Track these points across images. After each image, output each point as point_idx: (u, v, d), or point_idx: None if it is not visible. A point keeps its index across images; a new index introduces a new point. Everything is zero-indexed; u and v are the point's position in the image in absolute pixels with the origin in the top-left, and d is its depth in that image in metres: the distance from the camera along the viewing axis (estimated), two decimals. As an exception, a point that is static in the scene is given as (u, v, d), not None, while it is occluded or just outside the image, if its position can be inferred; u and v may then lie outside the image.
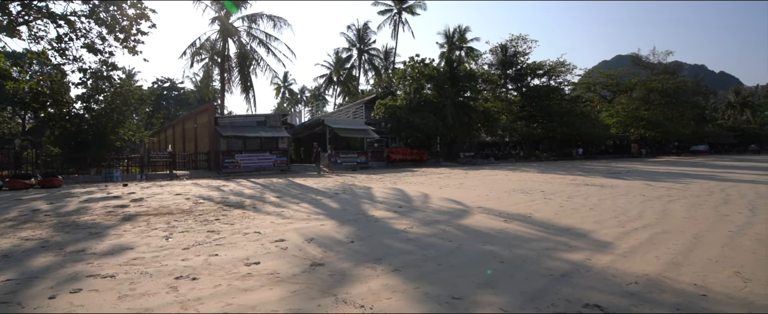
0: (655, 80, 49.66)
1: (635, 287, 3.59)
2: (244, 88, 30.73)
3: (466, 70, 34.23)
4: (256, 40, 29.61)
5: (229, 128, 23.07)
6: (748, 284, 3.66)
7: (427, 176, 17.35)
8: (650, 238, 5.47)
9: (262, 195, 11.01)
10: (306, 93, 78.50)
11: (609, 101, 53.18)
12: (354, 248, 5.07)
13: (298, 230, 6.12)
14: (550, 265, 4.27)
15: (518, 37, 40.11)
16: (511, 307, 3.13)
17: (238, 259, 4.51)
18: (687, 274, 3.93)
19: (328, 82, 61.31)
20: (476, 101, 35.65)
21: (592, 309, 3.08)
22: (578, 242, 5.33)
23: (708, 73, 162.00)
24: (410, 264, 4.30)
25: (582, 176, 16.50)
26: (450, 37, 52.77)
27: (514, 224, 6.51)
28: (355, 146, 29.35)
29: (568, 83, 44.73)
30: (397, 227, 6.32)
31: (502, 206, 8.55)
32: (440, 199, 9.76)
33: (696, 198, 9.49)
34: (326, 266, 4.25)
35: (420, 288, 3.57)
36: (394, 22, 50.49)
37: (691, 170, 20.24)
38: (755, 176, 16.39)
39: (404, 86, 33.50)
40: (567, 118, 38.53)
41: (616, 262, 4.35)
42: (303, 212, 8.05)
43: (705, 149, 56.24)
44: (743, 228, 6.06)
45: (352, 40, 55.57)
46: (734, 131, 67.01)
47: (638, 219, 6.85)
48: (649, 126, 46.38)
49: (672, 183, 13.22)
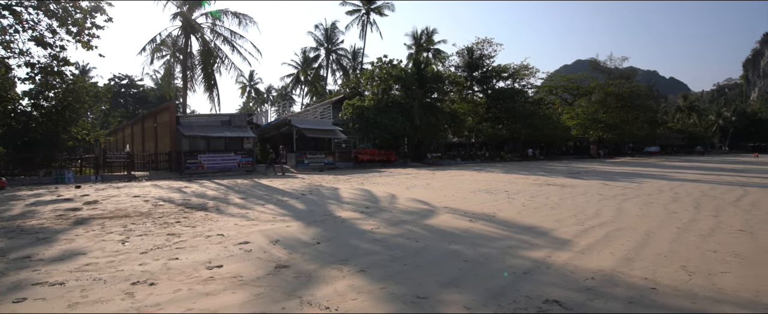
0: (612, 84, 52.00)
1: (592, 282, 3.74)
2: (207, 86, 29.86)
3: (433, 72, 34.64)
4: (220, 37, 28.85)
5: (191, 128, 22.35)
6: (692, 277, 3.89)
7: (395, 177, 17.44)
8: (606, 235, 5.71)
9: (226, 197, 10.73)
10: (273, 92, 77.19)
11: (569, 104, 55.23)
12: (320, 249, 5.02)
13: (263, 232, 6.00)
14: (512, 263, 4.39)
15: (484, 41, 41.00)
16: (475, 305, 3.19)
17: (200, 262, 4.37)
18: (638, 269, 4.14)
19: (296, 81, 60.52)
20: (443, 102, 36.14)
21: (551, 305, 3.18)
22: (540, 240, 5.50)
23: (659, 79, 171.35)
24: (376, 265, 4.31)
25: (544, 177, 17.05)
26: (418, 39, 53.27)
27: (479, 224, 6.64)
28: (322, 146, 29.13)
29: (531, 86, 46.06)
30: (364, 228, 6.32)
31: (468, 206, 8.71)
32: (407, 199, 9.83)
33: (648, 197, 10.00)
34: (291, 268, 4.19)
35: (386, 288, 3.58)
36: (362, 22, 50.46)
37: (644, 171, 21.32)
38: (700, 175, 17.47)
39: (372, 86, 33.53)
40: (530, 120, 39.72)
41: (575, 259, 4.52)
42: (268, 213, 7.90)
43: (657, 150, 59.45)
44: (689, 225, 6.44)
45: (319, 40, 55.12)
46: (682, 133, 71.12)
47: (595, 217, 7.14)
48: (607, 128, 48.52)
49: (627, 183, 13.87)
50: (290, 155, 26.50)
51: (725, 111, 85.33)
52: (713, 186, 12.64)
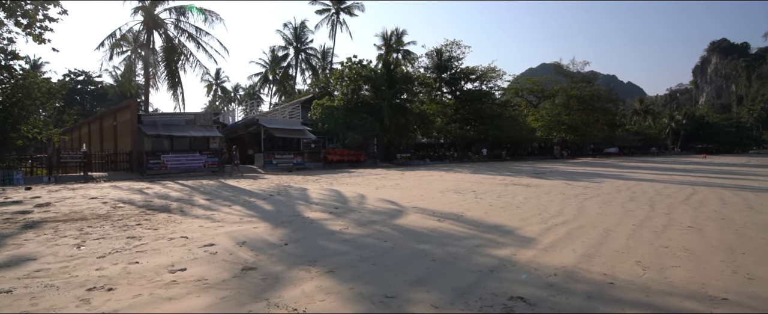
0: (574, 87, 53.96)
1: (554, 278, 3.88)
2: (171, 84, 28.83)
3: (402, 73, 34.84)
4: (185, 34, 27.92)
5: (154, 127, 21.54)
6: (647, 271, 4.10)
7: (364, 177, 17.44)
8: (568, 233, 5.93)
9: (190, 198, 10.42)
10: (240, 91, 75.49)
11: (534, 106, 56.89)
12: (288, 250, 4.97)
13: (229, 234, 5.87)
14: (479, 261, 4.48)
15: (453, 43, 41.60)
16: (442, 303, 3.24)
17: (162, 266, 4.23)
18: (598, 265, 4.32)
19: (264, 80, 59.43)
20: (413, 103, 36.41)
21: (516, 301, 3.28)
22: (505, 238, 5.64)
23: (618, 83, 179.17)
24: (345, 265, 4.30)
25: (510, 177, 17.49)
26: (387, 40, 53.44)
27: (447, 223, 6.75)
28: (291, 146, 28.74)
29: (498, 88, 47.12)
30: (333, 229, 6.29)
31: (436, 205, 8.82)
32: (376, 199, 9.85)
33: (607, 196, 10.44)
34: (259, 270, 4.13)
35: (354, 288, 3.58)
36: (332, 22, 50.12)
37: (604, 171, 22.23)
38: (654, 175, 18.39)
39: (342, 86, 33.37)
40: (497, 121, 40.62)
41: (539, 256, 4.67)
42: (235, 214, 7.73)
43: (615, 151, 62.06)
44: (644, 222, 6.78)
45: (288, 39, 54.33)
46: (639, 135, 74.62)
47: (558, 216, 7.40)
48: (570, 130, 50.29)
49: (588, 182, 14.43)
50: (258, 156, 26.00)
51: (677, 115, 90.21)
52: (666, 186, 13.33)
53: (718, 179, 16.35)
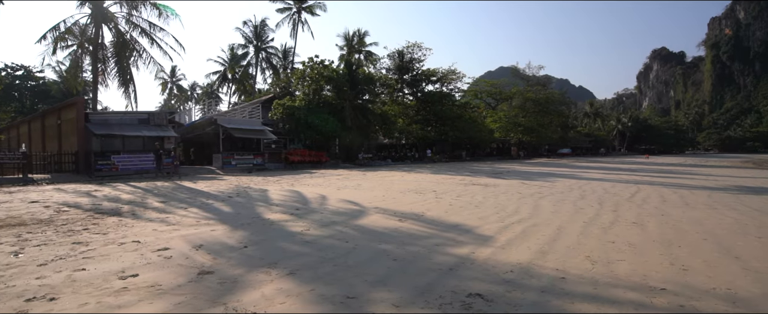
0: (530, 90, 56.07)
1: (510, 275, 4.03)
2: (122, 81, 27.33)
3: (365, 74, 34.85)
4: (137, 29, 26.55)
5: (103, 126, 20.39)
6: (595, 266, 4.34)
7: (326, 178, 17.32)
8: (524, 231, 6.16)
9: (143, 200, 9.96)
10: (197, 90, 72.79)
11: (493, 108, 58.58)
12: (247, 253, 4.86)
13: (185, 237, 5.67)
14: (439, 260, 4.58)
15: (414, 45, 42.04)
16: (403, 302, 3.29)
17: (112, 272, 4.03)
18: (551, 261, 4.52)
19: (223, 79, 57.60)
20: (374, 104, 36.50)
21: (474, 298, 3.38)
22: (464, 237, 5.79)
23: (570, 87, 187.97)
24: (306, 267, 4.27)
25: (470, 177, 17.91)
26: (349, 40, 53.25)
27: (408, 223, 6.83)
28: (251, 147, 28.06)
29: (458, 90, 48.07)
30: (294, 230, 6.22)
31: (398, 206, 8.91)
32: (338, 200, 9.82)
33: (560, 195, 10.92)
34: (216, 273, 4.02)
35: (315, 290, 3.57)
36: (293, 21, 49.30)
37: (558, 171, 23.23)
38: (603, 175, 19.43)
39: (303, 86, 32.94)
40: (457, 122, 41.48)
41: (496, 254, 4.83)
42: (191, 217, 7.47)
43: (568, 152, 65.10)
44: (593, 219, 7.16)
45: (248, 37, 52.95)
46: (589, 136, 78.63)
47: (515, 215, 7.67)
48: (526, 131, 52.17)
49: (542, 182, 15.03)
50: (216, 156, 25.19)
51: (623, 118, 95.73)
52: (613, 184, 14.12)
53: (658, 178, 17.50)
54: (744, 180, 16.41)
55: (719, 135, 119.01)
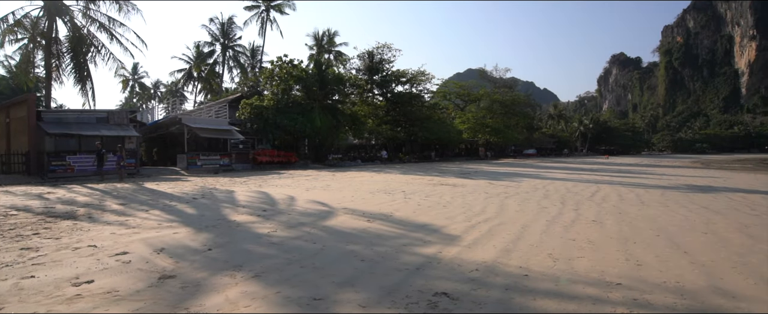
0: (497, 92, 57.44)
1: (476, 273, 4.11)
2: (79, 78, 26.01)
3: (334, 74, 34.66)
4: (95, 23, 25.33)
5: (57, 125, 19.34)
6: (556, 263, 4.49)
7: (295, 179, 17.10)
8: (490, 230, 6.29)
9: (101, 203, 9.52)
10: (161, 88, 70.32)
11: (461, 109, 59.53)
12: (211, 256, 4.74)
13: (145, 241, 5.47)
14: (406, 260, 4.61)
15: (384, 45, 42.16)
16: (370, 302, 3.30)
17: (64, 279, 3.84)
18: (515, 259, 4.64)
19: (188, 77, 55.84)
20: (344, 104, 36.34)
21: (440, 297, 3.43)
22: (432, 237, 5.86)
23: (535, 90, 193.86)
24: (272, 269, 4.21)
25: (438, 177, 18.14)
26: (319, 40, 52.81)
27: (376, 224, 6.85)
28: (217, 147, 27.35)
29: (427, 91, 48.53)
30: (260, 232, 6.11)
31: (366, 206, 8.91)
32: (306, 201, 9.72)
33: (525, 194, 11.23)
34: (178, 277, 3.90)
35: (281, 292, 3.52)
36: (262, 19, 48.40)
37: (523, 171, 23.87)
38: (566, 175, 20.13)
39: (272, 86, 32.41)
40: (426, 123, 41.89)
41: (462, 253, 4.91)
42: (153, 220, 7.21)
43: (534, 152, 67.02)
44: (556, 218, 7.40)
45: (215, 35, 51.54)
46: (553, 138, 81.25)
47: (481, 214, 7.82)
48: (493, 132, 53.32)
49: (509, 182, 15.40)
50: (181, 157, 24.40)
51: (585, 120, 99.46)
52: (575, 184, 14.64)
53: (617, 177, 18.29)
54: (693, 179, 17.39)
55: (672, 137, 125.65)
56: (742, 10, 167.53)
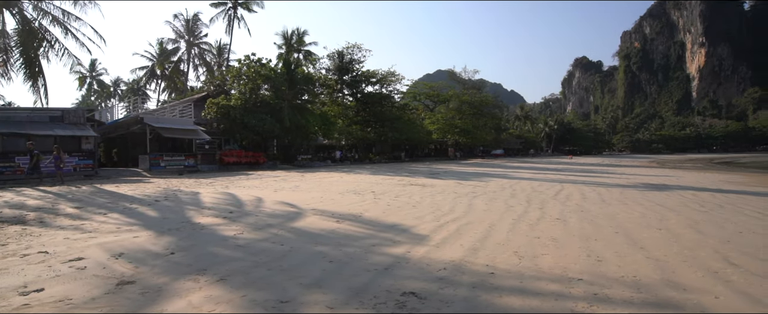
0: (466, 93, 58.43)
1: (444, 272, 4.15)
2: (29, 74, 24.49)
3: (303, 74, 34.27)
4: (48, 16, 23.95)
5: (6, 124, 18.21)
6: (522, 260, 4.60)
7: (263, 180, 16.78)
8: (458, 229, 6.38)
9: (54, 206, 9.02)
10: (122, 86, 67.44)
11: (431, 110, 60.20)
12: (174, 260, 4.58)
13: (102, 246, 5.22)
14: (375, 260, 4.61)
15: (354, 46, 42.07)
16: (337, 303, 3.27)
17: (11, 288, 3.61)
18: (482, 257, 4.72)
19: (151, 75, 53.84)
20: (314, 104, 36.00)
21: (408, 297, 3.44)
22: (401, 237, 5.87)
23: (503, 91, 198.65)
24: (238, 272, 4.11)
25: (408, 177, 18.24)
26: (288, 39, 52.06)
27: (345, 224, 6.81)
28: (182, 147, 26.49)
29: (397, 91, 48.79)
30: (226, 234, 5.96)
31: (336, 207, 8.85)
32: (274, 202, 9.56)
33: (493, 193, 11.46)
34: (138, 283, 3.74)
35: (247, 295, 3.44)
36: (228, 17, 47.20)
37: (491, 171, 24.36)
38: (532, 174, 20.70)
39: (239, 85, 31.69)
40: (396, 124, 42.09)
41: (431, 252, 4.95)
42: (111, 223, 6.89)
43: (501, 153, 68.59)
44: (522, 216, 7.59)
45: (179, 31, 49.95)
46: (520, 138, 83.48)
47: (450, 214, 7.92)
48: (462, 133, 54.23)
49: (477, 181, 15.67)
50: (143, 157, 23.46)
51: (550, 121, 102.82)
52: (541, 183, 15.07)
53: (580, 177, 18.96)
54: (649, 178, 18.27)
55: (630, 138, 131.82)
56: (692, 18, 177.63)
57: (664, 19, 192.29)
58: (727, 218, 7.40)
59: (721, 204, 9.42)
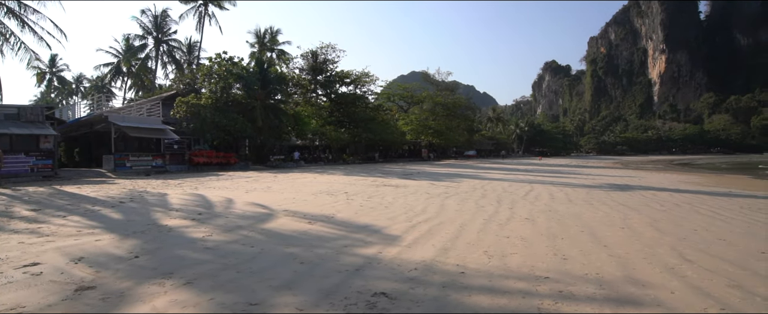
0: (439, 95, 59.09)
1: (415, 272, 4.18)
2: (-19, 69, 23.25)
3: (277, 73, 33.80)
4: (2, 8, 22.77)
5: (-46, 122, 17.19)
6: (491, 259, 4.68)
7: (234, 180, 16.45)
8: (429, 230, 6.43)
9: (8, 210, 8.55)
10: (85, 83, 64.69)
11: (405, 111, 60.52)
12: (138, 263, 4.43)
13: (61, 250, 4.99)
14: (346, 261, 4.60)
15: (328, 46, 41.77)
16: (308, 305, 3.25)
17: (-41, 295, 3.41)
18: (452, 257, 4.78)
19: (116, 72, 51.88)
20: (287, 104, 35.56)
21: (378, 297, 3.45)
22: (373, 238, 5.88)
23: (476, 93, 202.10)
24: (206, 275, 4.01)
25: (381, 178, 18.28)
26: (261, 38, 51.23)
27: (317, 225, 6.76)
28: (149, 147, 25.63)
29: (371, 92, 48.77)
30: (194, 236, 5.81)
31: (308, 208, 8.77)
32: (245, 204, 9.39)
33: (465, 194, 11.62)
34: (98, 288, 3.60)
35: (215, 298, 3.37)
36: (199, 13, 45.97)
37: (463, 171, 24.71)
38: (503, 175, 21.13)
39: (210, 83, 30.94)
40: (370, 124, 42.06)
41: (402, 253, 4.98)
42: (71, 226, 6.60)
43: (474, 154, 69.70)
44: (492, 216, 7.73)
45: (147, 28, 48.25)
46: (492, 140, 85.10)
47: (422, 214, 7.98)
48: (436, 134, 54.77)
49: (449, 182, 15.86)
50: (107, 158, 22.56)
51: (521, 123, 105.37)
52: (511, 184, 15.40)
53: (549, 177, 19.48)
54: (614, 179, 18.97)
55: (597, 139, 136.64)
56: (654, 26, 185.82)
57: (628, 26, 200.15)
58: (684, 217, 7.77)
59: (678, 204, 9.88)
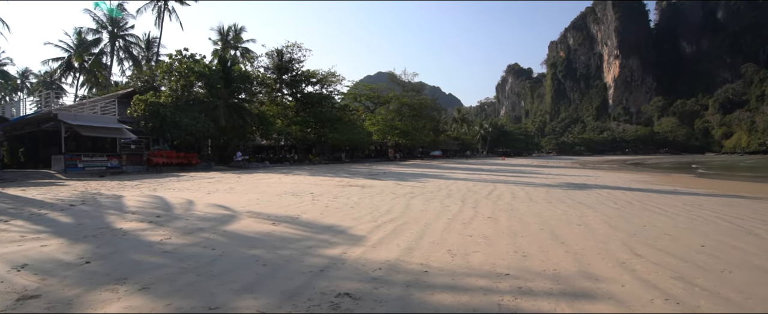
0: (405, 95, 59.65)
1: (379, 272, 4.19)
2: None
3: (241, 71, 33.05)
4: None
5: None
6: (454, 258, 4.77)
7: (195, 181, 15.93)
8: (394, 229, 6.47)
9: (-58, 213, 7.92)
10: (31, 79, 60.81)
11: (371, 111, 60.66)
12: (89, 269, 4.21)
13: (1, 257, 4.67)
14: (310, 262, 4.55)
15: (294, 45, 41.29)
16: (270, 308, 3.20)
17: None
18: (417, 256, 4.83)
19: (67, 67, 48.97)
20: (251, 103, 34.87)
21: (342, 298, 3.44)
22: (338, 238, 5.85)
23: (441, 94, 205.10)
24: (163, 279, 3.87)
25: (348, 178, 18.22)
26: (225, 35, 49.91)
27: (281, 227, 6.66)
28: (104, 147, 24.41)
29: (338, 92, 48.61)
30: (151, 240, 5.58)
31: (272, 209, 8.62)
32: (206, 205, 9.11)
33: (430, 194, 11.76)
34: (44, 297, 3.39)
35: (172, 304, 3.25)
36: (158, 8, 44.20)
37: (429, 171, 25.02)
38: (467, 175, 21.56)
39: (170, 81, 29.85)
40: (337, 124, 41.89)
41: (367, 253, 4.98)
42: (14, 231, 6.19)
43: (439, 154, 70.79)
44: (456, 215, 7.86)
45: (101, 21, 45.84)
46: (457, 140, 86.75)
47: (387, 214, 8.01)
48: (402, 134, 55.25)
49: (415, 182, 16.02)
50: (57, 158, 21.31)
51: (485, 124, 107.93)
52: (475, 183, 15.73)
53: (511, 177, 20.05)
54: (572, 178, 19.75)
55: (557, 140, 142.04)
56: (609, 33, 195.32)
57: (585, 32, 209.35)
58: (635, 214, 8.20)
59: (630, 201, 10.41)
